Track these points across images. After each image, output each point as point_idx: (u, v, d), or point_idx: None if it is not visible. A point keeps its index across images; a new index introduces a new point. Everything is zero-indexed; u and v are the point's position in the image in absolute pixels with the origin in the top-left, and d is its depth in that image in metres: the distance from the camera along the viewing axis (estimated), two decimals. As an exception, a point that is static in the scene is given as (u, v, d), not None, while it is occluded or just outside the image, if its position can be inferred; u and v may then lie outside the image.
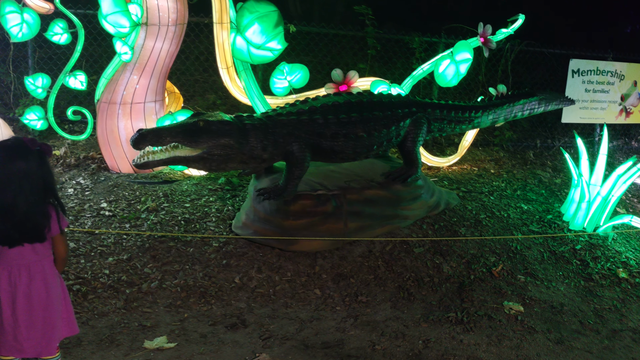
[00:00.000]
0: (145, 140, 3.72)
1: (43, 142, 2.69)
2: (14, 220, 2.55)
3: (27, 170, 2.55)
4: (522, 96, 5.74)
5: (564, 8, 12.34)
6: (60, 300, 2.76)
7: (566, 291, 4.50)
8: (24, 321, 2.65)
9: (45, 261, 2.71)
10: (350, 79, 5.25)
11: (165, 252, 4.35)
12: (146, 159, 3.88)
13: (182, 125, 3.89)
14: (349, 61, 8.30)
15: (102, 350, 3.40)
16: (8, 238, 2.59)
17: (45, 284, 2.69)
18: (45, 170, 2.63)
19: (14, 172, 2.53)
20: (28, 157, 2.56)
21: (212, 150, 3.94)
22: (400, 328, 3.83)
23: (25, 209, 2.55)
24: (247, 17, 5.03)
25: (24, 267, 2.64)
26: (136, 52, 5.32)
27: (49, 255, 2.73)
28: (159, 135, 3.77)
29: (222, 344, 3.54)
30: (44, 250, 2.69)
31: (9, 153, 2.55)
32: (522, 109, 5.78)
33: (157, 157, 3.89)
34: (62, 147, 6.24)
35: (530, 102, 5.79)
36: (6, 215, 2.55)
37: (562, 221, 5.48)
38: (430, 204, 5.08)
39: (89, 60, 7.14)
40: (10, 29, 5.29)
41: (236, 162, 4.10)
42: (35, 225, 2.60)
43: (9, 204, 2.53)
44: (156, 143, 3.78)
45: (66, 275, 3.97)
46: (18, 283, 2.63)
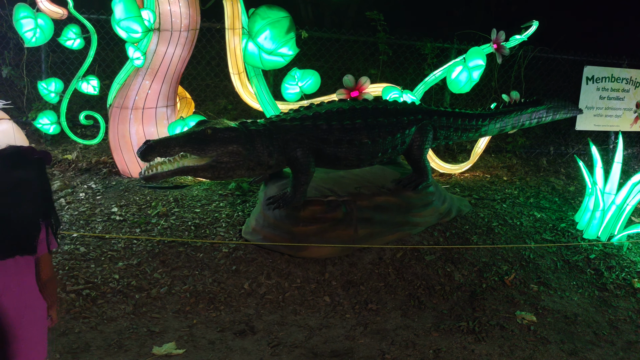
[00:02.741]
0: (153, 151, 3.70)
1: (42, 149, 2.58)
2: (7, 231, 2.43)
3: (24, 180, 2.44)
4: (530, 104, 5.69)
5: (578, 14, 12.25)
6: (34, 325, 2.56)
7: (580, 301, 4.42)
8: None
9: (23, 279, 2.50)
10: (362, 84, 5.24)
11: (174, 257, 4.34)
12: (154, 171, 3.84)
13: (189, 134, 3.87)
14: (361, 67, 8.30)
15: (110, 356, 3.38)
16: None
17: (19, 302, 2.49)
18: (43, 179, 2.53)
19: (10, 182, 2.43)
20: (26, 166, 2.46)
21: (220, 157, 3.93)
22: (411, 337, 3.78)
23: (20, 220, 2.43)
24: (259, 23, 5.03)
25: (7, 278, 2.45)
26: (148, 58, 5.35)
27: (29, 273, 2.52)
28: (167, 145, 3.75)
29: (231, 351, 3.51)
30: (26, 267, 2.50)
31: (5, 162, 2.44)
32: (530, 118, 5.73)
33: (165, 168, 3.86)
34: (74, 151, 6.29)
35: (538, 111, 5.75)
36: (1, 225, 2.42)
37: (575, 230, 5.40)
38: (442, 211, 5.04)
39: (101, 65, 7.19)
40: (24, 33, 5.35)
41: (244, 168, 4.09)
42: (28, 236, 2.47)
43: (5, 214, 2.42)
44: (165, 154, 3.76)
45: (76, 280, 3.98)
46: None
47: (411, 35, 7.52)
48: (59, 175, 5.76)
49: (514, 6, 11.96)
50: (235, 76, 5.43)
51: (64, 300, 3.82)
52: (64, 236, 4.46)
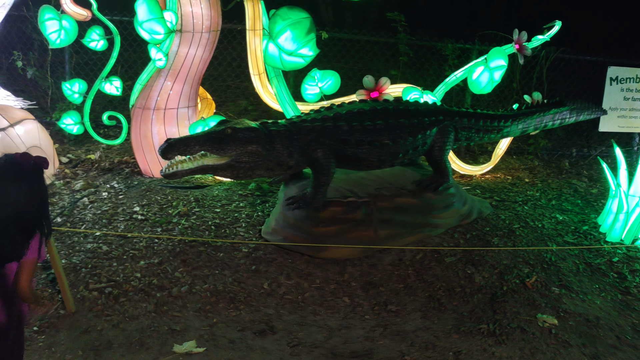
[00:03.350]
0: (174, 149, 3.75)
1: (37, 155, 2.53)
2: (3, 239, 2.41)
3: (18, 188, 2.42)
4: (553, 105, 5.64)
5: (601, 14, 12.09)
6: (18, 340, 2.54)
7: (602, 305, 4.36)
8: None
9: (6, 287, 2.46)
10: (382, 85, 5.23)
11: (195, 256, 4.38)
12: (174, 169, 3.90)
13: (209, 134, 3.91)
14: (381, 68, 8.29)
15: (132, 354, 3.42)
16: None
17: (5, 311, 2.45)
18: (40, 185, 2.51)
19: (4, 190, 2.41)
20: (20, 174, 2.44)
21: (240, 157, 3.95)
22: (431, 339, 3.76)
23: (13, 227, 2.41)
24: (280, 24, 5.06)
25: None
26: (170, 59, 5.41)
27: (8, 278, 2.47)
28: (187, 144, 3.79)
29: (251, 350, 3.54)
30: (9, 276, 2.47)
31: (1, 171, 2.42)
32: (553, 119, 5.68)
33: (186, 166, 3.91)
34: (97, 151, 6.39)
35: (561, 112, 5.70)
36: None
37: (598, 232, 5.33)
38: (463, 213, 5.01)
39: (124, 66, 7.29)
40: (49, 35, 5.44)
41: (263, 168, 4.11)
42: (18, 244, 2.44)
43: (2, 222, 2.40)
44: (185, 152, 3.80)
45: (99, 278, 4.04)
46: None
47: (432, 36, 7.49)
48: (82, 174, 5.85)
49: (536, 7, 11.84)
50: (256, 77, 5.47)
51: (86, 298, 3.87)
52: (87, 235, 4.54)
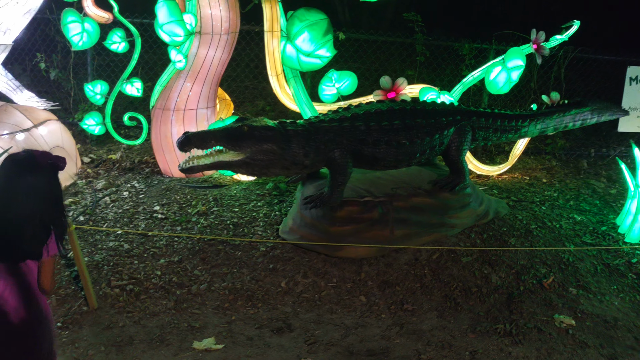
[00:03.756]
0: (190, 142, 3.83)
1: (57, 155, 2.57)
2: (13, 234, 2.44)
3: (34, 185, 2.45)
4: (574, 106, 5.58)
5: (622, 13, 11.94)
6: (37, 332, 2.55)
7: (620, 305, 4.34)
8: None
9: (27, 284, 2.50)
10: (399, 85, 5.25)
11: (214, 255, 4.45)
12: (191, 164, 3.98)
13: (226, 130, 3.98)
14: (398, 68, 8.29)
15: (153, 350, 3.50)
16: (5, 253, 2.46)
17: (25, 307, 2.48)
18: (54, 184, 2.52)
19: (21, 186, 2.44)
20: (37, 171, 2.46)
21: (254, 155, 4.01)
22: (447, 338, 3.79)
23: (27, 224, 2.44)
24: (298, 25, 5.11)
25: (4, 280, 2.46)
26: (190, 60, 5.49)
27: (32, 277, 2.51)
28: (204, 138, 3.87)
29: (268, 347, 3.59)
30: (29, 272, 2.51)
31: (18, 167, 2.46)
32: (574, 120, 5.62)
33: (202, 162, 3.99)
34: (118, 151, 6.49)
35: (582, 113, 5.63)
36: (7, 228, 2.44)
37: (617, 233, 5.29)
38: (479, 213, 5.01)
39: (144, 68, 7.40)
40: (71, 37, 5.56)
41: (278, 167, 4.16)
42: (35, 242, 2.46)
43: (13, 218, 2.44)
44: (201, 146, 3.87)
45: (120, 275, 4.13)
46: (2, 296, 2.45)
47: (449, 36, 7.49)
48: (104, 174, 5.96)
49: (554, 6, 11.75)
50: (274, 78, 5.53)
51: (108, 295, 3.97)
52: (109, 233, 4.63)
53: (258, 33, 7.00)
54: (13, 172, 2.44)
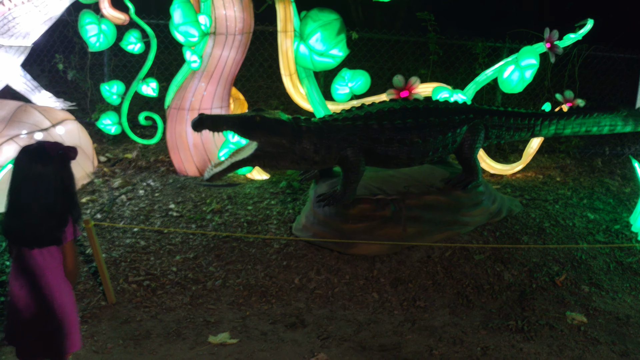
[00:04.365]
0: (203, 123, 3.96)
1: (68, 146, 2.71)
2: (28, 222, 2.59)
3: (43, 174, 2.58)
4: (598, 110, 5.31)
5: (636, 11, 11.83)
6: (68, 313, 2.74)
7: (633, 303, 4.34)
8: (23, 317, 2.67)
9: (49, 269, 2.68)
10: (412, 84, 5.29)
11: (228, 251, 4.52)
12: (212, 172, 4.15)
13: (240, 117, 4.11)
14: (411, 67, 8.32)
15: (170, 343, 3.58)
16: (21, 239, 2.63)
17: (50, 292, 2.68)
18: (65, 174, 2.66)
19: (31, 175, 2.57)
20: (46, 161, 2.59)
21: (264, 146, 4.12)
22: (459, 334, 3.82)
23: (39, 212, 2.58)
24: (311, 26, 5.18)
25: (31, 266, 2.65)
26: (204, 60, 5.57)
27: (57, 266, 2.70)
28: (217, 121, 4.01)
29: (282, 342, 3.65)
30: (52, 258, 2.68)
31: (28, 156, 2.60)
32: (599, 124, 5.31)
33: (220, 168, 4.16)
34: (134, 150, 6.60)
35: (611, 117, 5.31)
36: (21, 216, 2.59)
37: (630, 232, 5.28)
38: (492, 211, 5.03)
39: (159, 68, 7.50)
40: (89, 38, 5.67)
41: (287, 161, 4.26)
42: (49, 229, 2.62)
43: (24, 206, 2.58)
44: (213, 128, 4.00)
45: (137, 271, 4.22)
46: (24, 281, 2.65)
47: (462, 34, 7.50)
48: (120, 173, 6.07)
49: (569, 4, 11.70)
50: (287, 77, 5.59)
51: (126, 290, 4.06)
52: (126, 230, 4.73)
53: (272, 33, 7.06)
54: (26, 163, 2.60)
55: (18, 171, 2.61)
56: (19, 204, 2.60)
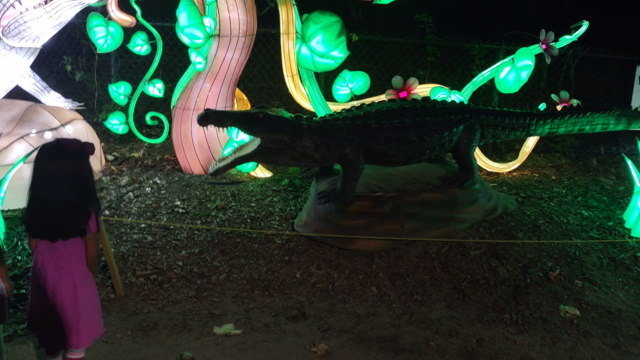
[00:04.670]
0: (208, 118, 4.10)
1: (86, 142, 2.84)
2: (50, 217, 2.73)
3: (63, 170, 2.71)
4: (591, 109, 5.45)
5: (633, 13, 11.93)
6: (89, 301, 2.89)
7: (625, 298, 4.45)
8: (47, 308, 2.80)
9: (73, 259, 2.81)
10: (410, 85, 5.41)
11: (232, 247, 4.66)
12: (217, 167, 4.29)
13: (244, 113, 4.24)
14: (409, 68, 8.44)
15: (176, 334, 3.72)
16: (44, 232, 2.77)
17: (72, 281, 2.81)
18: (83, 169, 2.79)
19: (50, 171, 2.72)
20: (65, 157, 2.73)
21: (265, 142, 4.25)
22: (455, 327, 3.94)
23: (60, 206, 2.72)
24: (312, 28, 5.31)
25: (54, 258, 2.79)
26: (209, 62, 5.71)
27: (79, 256, 2.84)
28: (221, 117, 4.15)
29: (284, 333, 3.79)
30: (73, 248, 2.81)
31: (47, 153, 2.75)
32: (591, 123, 5.47)
33: (224, 163, 4.29)
34: (141, 149, 6.74)
35: (603, 117, 5.48)
36: (42, 211, 2.73)
37: (623, 228, 5.39)
38: (488, 208, 5.15)
39: (165, 70, 7.64)
40: (97, 40, 5.79)
41: (288, 157, 4.39)
42: (70, 223, 2.76)
43: (45, 201, 2.72)
44: (218, 123, 4.15)
45: (144, 266, 4.36)
46: (48, 272, 2.78)
47: (460, 36, 7.62)
48: (127, 171, 6.21)
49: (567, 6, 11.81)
50: (289, 78, 5.73)
51: (134, 283, 4.20)
52: (133, 226, 4.87)
53: (274, 35, 7.20)
54: (46, 160, 2.75)
55: (38, 168, 2.75)
56: (40, 200, 2.74)
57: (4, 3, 4.92)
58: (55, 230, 2.77)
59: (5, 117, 5.36)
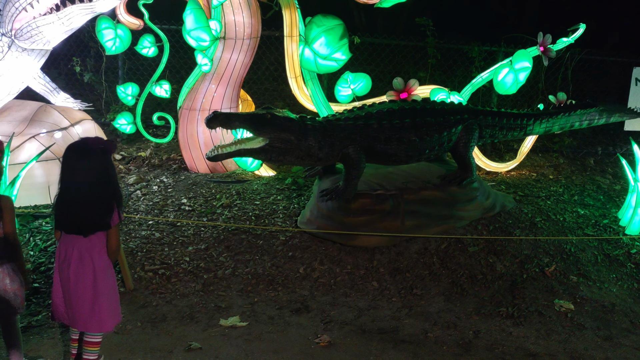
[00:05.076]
0: (217, 120, 4.18)
1: (108, 139, 3.02)
2: (78, 213, 2.91)
3: (88, 168, 2.89)
4: (580, 106, 5.73)
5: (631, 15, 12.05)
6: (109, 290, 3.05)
7: (618, 292, 4.57)
8: (69, 296, 2.98)
9: (95, 250, 2.97)
10: (411, 87, 5.53)
11: (237, 243, 4.80)
12: (217, 152, 4.35)
13: (251, 115, 4.35)
14: (410, 70, 8.53)
15: (184, 325, 3.86)
16: (73, 228, 2.95)
17: (94, 271, 2.97)
18: (107, 165, 2.96)
19: (77, 169, 2.89)
20: (90, 156, 2.90)
21: (273, 142, 4.35)
22: (452, 319, 4.07)
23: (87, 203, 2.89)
24: (315, 31, 5.44)
25: (77, 250, 2.95)
26: (215, 64, 5.85)
27: (101, 247, 2.99)
28: (230, 118, 4.23)
29: (288, 325, 3.93)
30: (96, 240, 2.97)
31: (74, 153, 2.93)
32: (580, 120, 5.76)
33: (226, 150, 4.35)
34: (148, 149, 6.88)
35: (589, 113, 5.77)
36: (71, 207, 2.91)
37: (618, 226, 5.51)
38: (486, 206, 5.27)
39: (171, 71, 7.78)
40: (105, 43, 5.93)
41: (293, 156, 4.50)
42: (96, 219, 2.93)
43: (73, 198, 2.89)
44: (226, 125, 4.23)
45: (153, 261, 4.50)
46: (71, 262, 2.95)
47: (459, 39, 7.75)
48: (135, 170, 6.36)
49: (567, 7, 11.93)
50: (293, 80, 5.87)
51: (143, 278, 4.34)
52: (141, 223, 5.01)
53: (277, 38, 7.32)
54: (73, 158, 2.93)
55: (66, 167, 2.94)
56: (68, 196, 2.91)
57: (16, 7, 5.07)
58: (81, 224, 2.94)
59: (17, 117, 5.51)
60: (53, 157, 5.24)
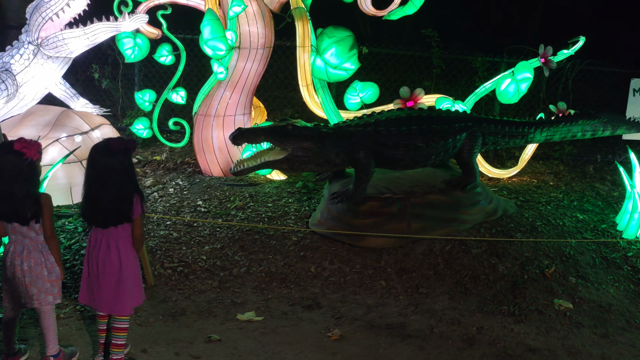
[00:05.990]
0: (243, 137, 4.38)
1: (129, 138, 3.28)
2: (100, 209, 3.17)
3: (110, 167, 3.13)
4: (583, 117, 5.85)
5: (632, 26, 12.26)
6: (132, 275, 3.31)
7: (615, 293, 4.71)
8: (97, 281, 3.23)
9: (121, 240, 3.22)
10: (417, 95, 5.73)
11: (251, 243, 4.99)
12: (241, 167, 4.56)
13: (273, 127, 4.54)
14: (416, 79, 8.71)
15: (203, 319, 4.06)
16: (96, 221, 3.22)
17: (119, 257, 3.22)
18: (126, 163, 3.21)
19: (100, 169, 3.15)
20: (112, 155, 3.14)
21: (295, 151, 4.55)
22: (456, 316, 4.24)
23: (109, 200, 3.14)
24: (326, 41, 5.67)
25: (105, 239, 3.21)
26: (229, 72, 6.07)
27: (126, 237, 3.25)
28: (255, 133, 4.43)
29: (301, 320, 4.11)
30: (122, 230, 3.22)
31: (98, 153, 3.18)
32: (583, 130, 5.87)
33: (250, 164, 4.56)
34: (163, 153, 7.10)
35: (592, 124, 5.88)
36: (95, 204, 3.16)
37: (615, 230, 5.67)
38: (488, 210, 5.44)
39: (186, 79, 8.00)
40: (124, 51, 6.17)
41: (314, 163, 4.69)
42: (118, 212, 3.18)
43: (97, 196, 3.15)
44: (251, 140, 4.43)
45: (171, 259, 4.70)
46: (98, 249, 3.23)
47: (463, 49, 7.97)
48: (151, 173, 6.57)
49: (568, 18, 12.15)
50: (304, 88, 6.09)
51: (162, 274, 4.54)
52: (159, 223, 5.23)
53: (288, 48, 7.53)
54: (97, 158, 3.19)
55: (91, 166, 3.20)
56: (94, 194, 3.17)
57: (43, 17, 5.33)
58: (106, 218, 3.19)
59: (41, 122, 5.74)
60: (75, 160, 5.46)
